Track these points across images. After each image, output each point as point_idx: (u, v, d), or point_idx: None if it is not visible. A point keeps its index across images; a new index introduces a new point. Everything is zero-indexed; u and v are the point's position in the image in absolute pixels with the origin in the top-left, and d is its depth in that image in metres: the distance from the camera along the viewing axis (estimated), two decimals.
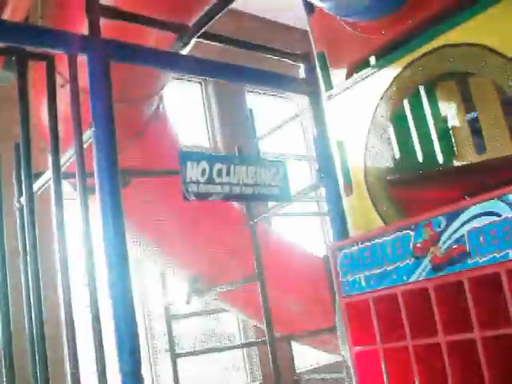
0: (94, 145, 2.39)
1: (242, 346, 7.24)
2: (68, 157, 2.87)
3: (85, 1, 2.64)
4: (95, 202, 2.39)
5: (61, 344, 5.06)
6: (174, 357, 4.36)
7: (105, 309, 2.39)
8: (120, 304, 2.21)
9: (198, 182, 2.63)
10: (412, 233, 2.42)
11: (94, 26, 2.60)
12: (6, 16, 2.79)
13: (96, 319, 2.39)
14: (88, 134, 2.60)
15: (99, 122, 2.42)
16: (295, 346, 6.74)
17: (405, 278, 2.44)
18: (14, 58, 2.82)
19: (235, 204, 4.82)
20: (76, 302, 2.70)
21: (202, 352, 5.50)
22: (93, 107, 2.43)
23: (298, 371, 7.11)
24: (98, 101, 2.44)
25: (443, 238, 2.30)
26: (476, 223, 2.19)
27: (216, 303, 5.34)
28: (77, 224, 2.62)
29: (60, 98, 2.88)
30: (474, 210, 2.21)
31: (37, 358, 2.73)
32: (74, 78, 2.58)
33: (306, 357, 7.47)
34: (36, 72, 3.03)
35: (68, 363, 2.42)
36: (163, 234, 4.32)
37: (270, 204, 4.91)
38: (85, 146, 2.63)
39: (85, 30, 2.66)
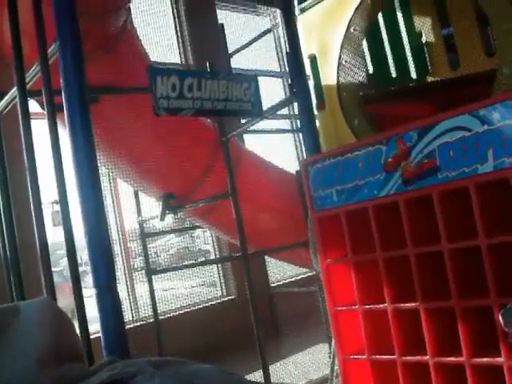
0: (60, 59, 2.31)
1: (217, 261, 7.34)
2: (33, 73, 2.77)
3: None
4: (63, 120, 2.34)
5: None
6: (150, 273, 4.41)
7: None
8: (92, 219, 2.20)
9: (168, 97, 2.57)
10: (384, 147, 2.42)
11: None
12: None
13: (69, 237, 2.38)
14: (53, 49, 2.51)
15: (64, 35, 2.33)
16: (271, 263, 6.93)
17: (375, 192, 2.46)
18: None
19: (207, 121, 4.77)
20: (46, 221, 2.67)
21: (177, 268, 5.59)
22: (57, 20, 2.33)
23: (272, 285, 7.37)
24: (61, 13, 2.34)
25: (414, 153, 2.30)
26: (447, 138, 2.20)
27: (191, 221, 5.39)
28: (45, 142, 2.57)
29: (21, 11, 2.73)
30: (446, 124, 2.21)
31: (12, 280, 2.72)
32: None
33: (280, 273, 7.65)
34: None
35: (44, 281, 2.42)
36: (135, 152, 4.27)
37: (243, 122, 4.86)
38: (50, 61, 2.53)
39: None
